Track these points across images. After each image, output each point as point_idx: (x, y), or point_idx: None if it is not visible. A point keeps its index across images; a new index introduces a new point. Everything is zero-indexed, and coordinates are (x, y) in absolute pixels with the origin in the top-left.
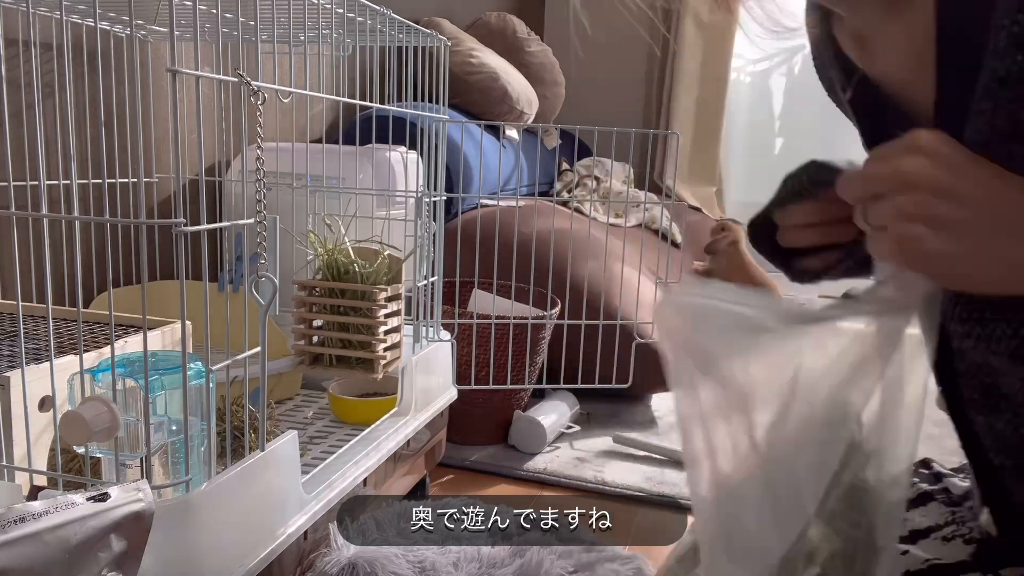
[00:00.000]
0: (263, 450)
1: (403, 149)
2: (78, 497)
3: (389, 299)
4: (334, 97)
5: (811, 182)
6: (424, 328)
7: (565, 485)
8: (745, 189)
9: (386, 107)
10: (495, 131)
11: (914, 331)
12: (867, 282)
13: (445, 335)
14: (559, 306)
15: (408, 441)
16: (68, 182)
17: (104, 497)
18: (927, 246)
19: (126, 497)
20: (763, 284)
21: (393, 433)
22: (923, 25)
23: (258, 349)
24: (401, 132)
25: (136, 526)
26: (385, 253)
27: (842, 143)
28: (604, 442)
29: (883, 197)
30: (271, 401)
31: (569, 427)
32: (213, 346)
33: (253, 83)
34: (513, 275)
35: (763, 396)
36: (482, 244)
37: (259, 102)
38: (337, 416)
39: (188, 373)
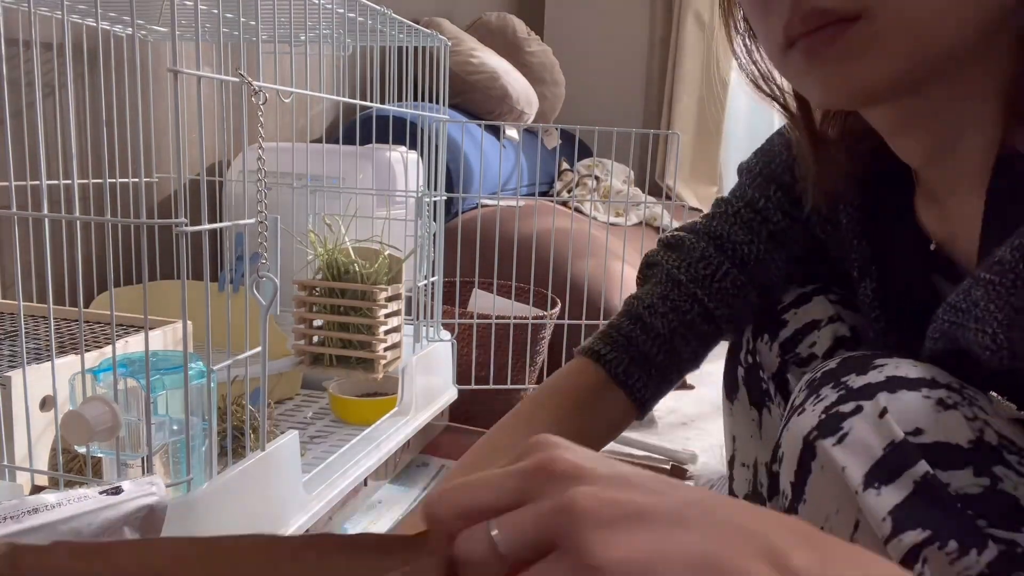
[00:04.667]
0: (264, 450)
1: (403, 149)
2: (91, 491)
3: (389, 299)
4: (334, 97)
5: None
6: (424, 328)
7: None
8: None
9: (386, 107)
10: (495, 131)
11: None
12: None
13: (445, 335)
14: (559, 306)
15: (408, 441)
16: (69, 182)
17: (117, 491)
18: None
19: (139, 491)
20: None
21: (393, 433)
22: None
23: (259, 349)
24: (401, 132)
25: (149, 519)
26: (385, 253)
27: None
28: None
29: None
30: (271, 401)
31: None
32: (214, 346)
33: (254, 83)
34: (513, 275)
35: None
36: (482, 244)
37: (260, 102)
38: (337, 416)
39: (189, 373)
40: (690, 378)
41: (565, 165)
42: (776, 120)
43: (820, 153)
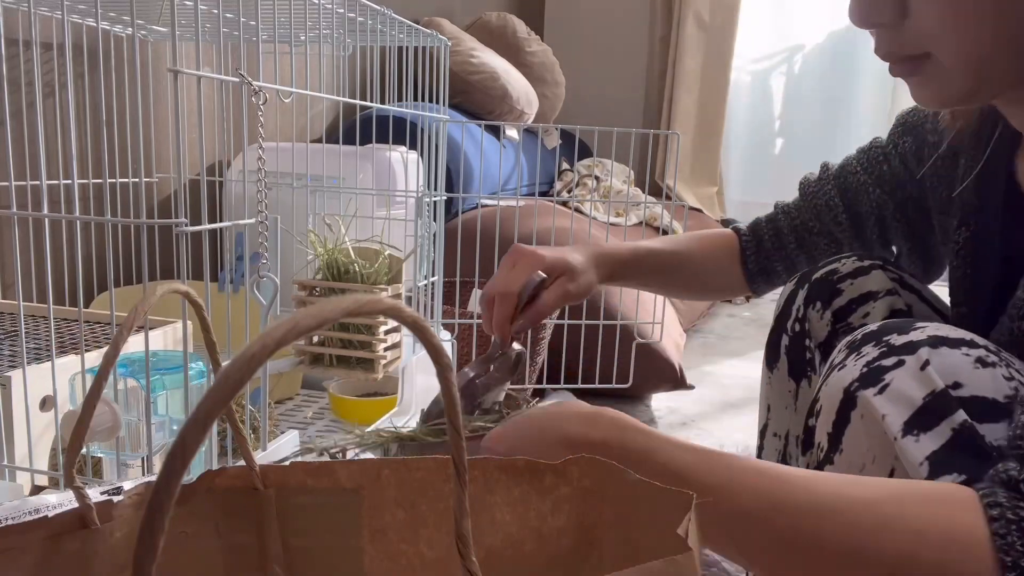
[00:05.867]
0: (264, 450)
1: (403, 149)
2: (93, 491)
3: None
4: (334, 97)
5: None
6: None
7: None
8: (745, 189)
9: (386, 107)
10: (495, 131)
11: None
12: None
13: (445, 335)
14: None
15: None
16: (69, 182)
17: (118, 491)
18: None
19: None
20: None
21: None
22: None
23: None
24: (401, 132)
25: None
26: (385, 253)
27: (841, 143)
28: None
29: None
30: (271, 401)
31: None
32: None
33: (254, 83)
34: None
35: None
36: (482, 244)
37: (260, 102)
38: (337, 416)
39: (189, 373)
40: (691, 378)
41: (565, 165)
42: (777, 120)
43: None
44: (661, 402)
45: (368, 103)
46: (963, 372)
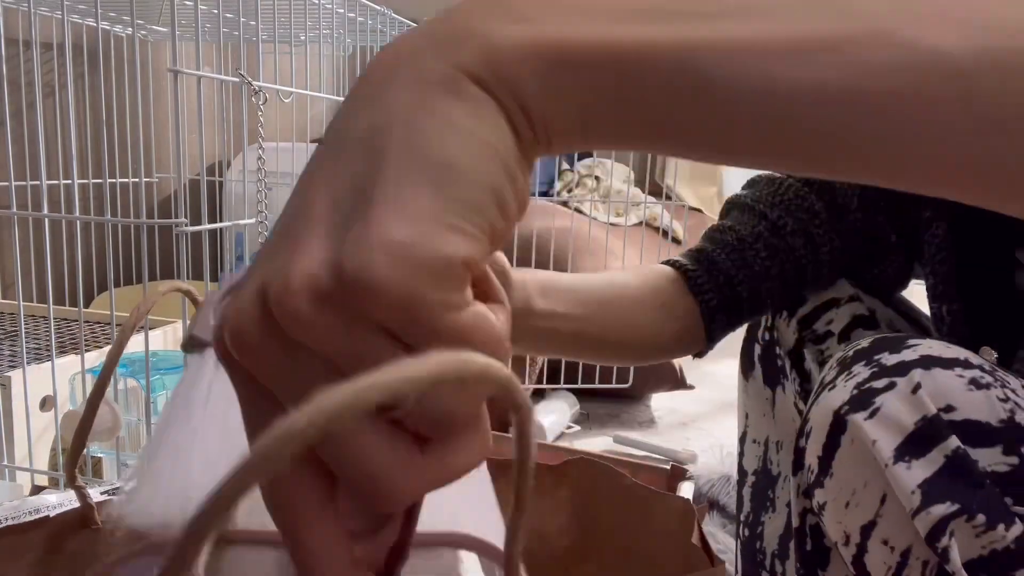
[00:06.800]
0: None
1: None
2: (93, 491)
3: None
4: (334, 97)
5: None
6: None
7: None
8: None
9: None
10: None
11: None
12: None
13: None
14: None
15: None
16: (69, 182)
17: (118, 491)
18: None
19: None
20: None
21: None
22: None
23: None
24: None
25: None
26: None
27: None
28: (604, 442)
29: None
30: None
31: (569, 427)
32: None
33: (254, 83)
34: None
35: None
36: None
37: (260, 102)
38: None
39: None
40: (691, 378)
41: (565, 165)
42: None
43: None
44: (661, 402)
45: None
46: (956, 395)
